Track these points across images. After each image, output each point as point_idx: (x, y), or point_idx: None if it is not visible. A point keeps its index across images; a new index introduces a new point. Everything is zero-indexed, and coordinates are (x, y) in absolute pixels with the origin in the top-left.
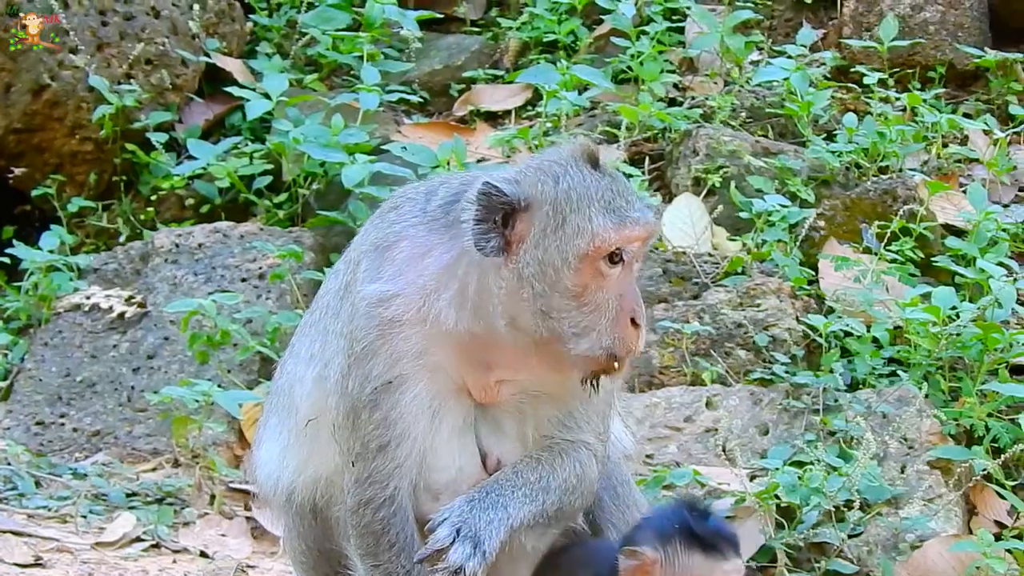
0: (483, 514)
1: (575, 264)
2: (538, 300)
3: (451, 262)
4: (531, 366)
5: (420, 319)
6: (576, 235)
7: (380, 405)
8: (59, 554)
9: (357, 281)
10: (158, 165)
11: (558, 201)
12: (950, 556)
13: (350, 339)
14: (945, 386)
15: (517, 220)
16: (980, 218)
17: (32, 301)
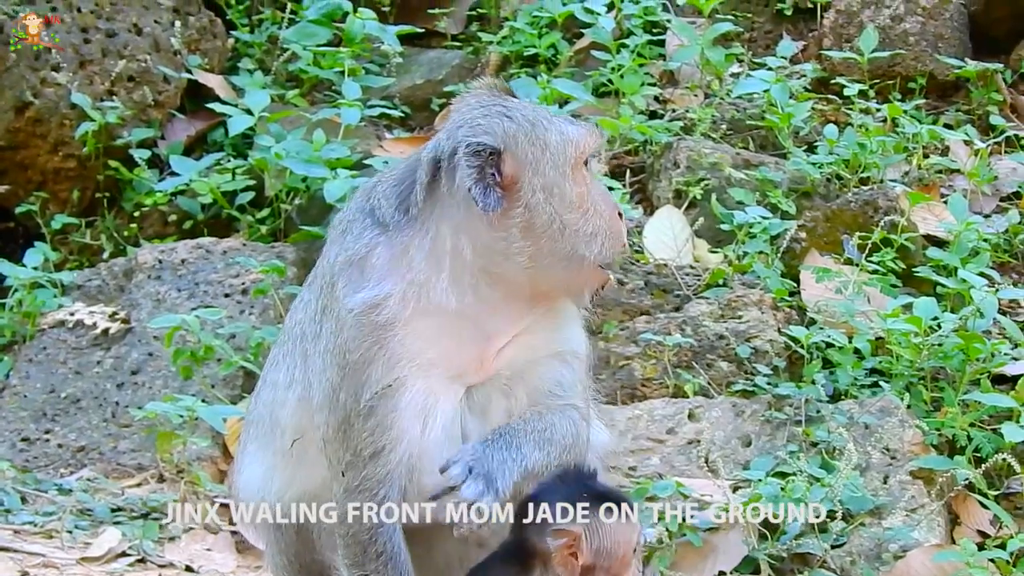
0: (497, 454)
1: (570, 175)
2: (552, 224)
3: (435, 246)
4: (536, 309)
5: (418, 314)
6: (561, 149)
7: (376, 412)
8: (45, 569)
9: (337, 299)
10: (141, 181)
11: (528, 131)
12: (933, 566)
13: (340, 353)
14: (927, 396)
15: (503, 166)
16: (961, 228)
17: (16, 318)
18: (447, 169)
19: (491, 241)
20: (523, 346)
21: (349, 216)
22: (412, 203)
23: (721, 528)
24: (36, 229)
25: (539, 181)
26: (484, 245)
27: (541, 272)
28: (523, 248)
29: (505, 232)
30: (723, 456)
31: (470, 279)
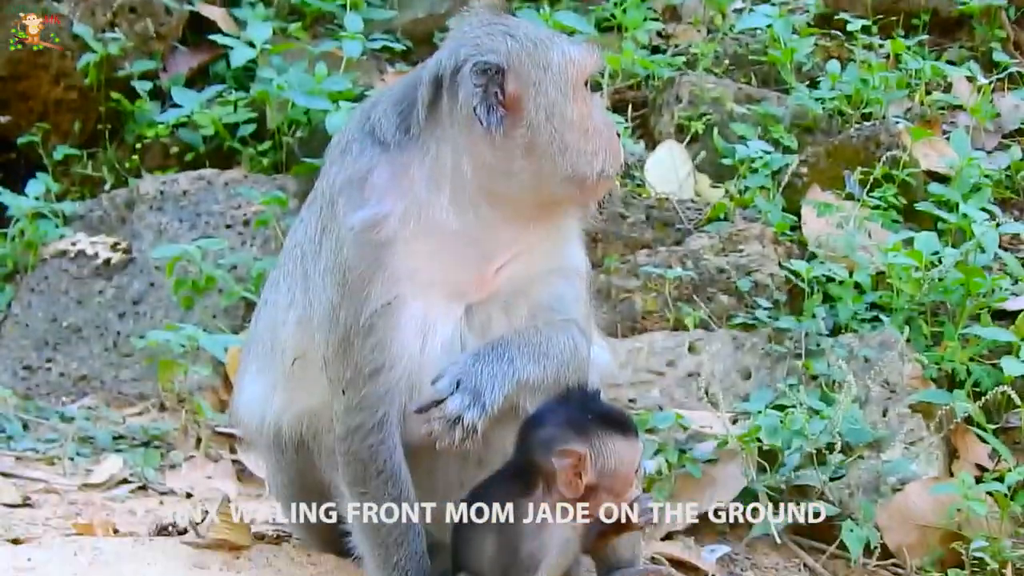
0: (486, 367)
1: (572, 95)
2: (554, 143)
3: (435, 165)
4: (537, 227)
5: (418, 232)
6: (563, 69)
7: (376, 330)
8: (47, 495)
9: (337, 218)
10: (142, 113)
11: (531, 50)
12: (931, 498)
13: (339, 272)
14: (927, 330)
15: (506, 85)
16: (963, 164)
17: (18, 248)
18: (449, 88)
19: (492, 160)
20: (523, 264)
21: (348, 136)
22: (413, 122)
23: (720, 460)
24: (38, 160)
25: (542, 100)
26: (485, 164)
27: (542, 190)
28: (524, 167)
29: (507, 151)
30: (723, 388)
31: (471, 198)
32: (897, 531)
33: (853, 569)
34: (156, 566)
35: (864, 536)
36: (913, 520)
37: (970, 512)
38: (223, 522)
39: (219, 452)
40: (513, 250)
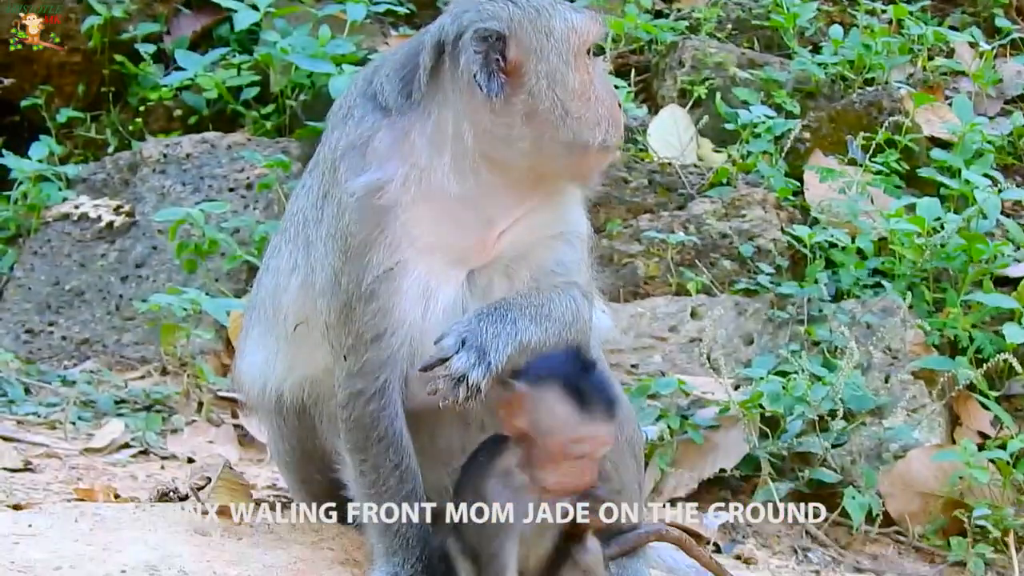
0: (491, 327)
1: (573, 62)
2: (555, 110)
3: (436, 130)
4: (538, 192)
5: (420, 197)
6: (565, 37)
7: (377, 295)
8: (48, 459)
9: (339, 183)
10: (146, 76)
11: (533, 17)
12: (933, 466)
13: (341, 238)
14: (929, 297)
15: (507, 52)
16: (965, 130)
17: (21, 211)
18: (451, 53)
19: (493, 127)
20: (525, 229)
21: (350, 101)
22: (415, 87)
23: (722, 426)
24: (41, 123)
25: (543, 68)
26: (486, 131)
27: (543, 158)
28: (525, 134)
29: (508, 118)
30: (725, 354)
31: (472, 164)
32: (899, 498)
33: (855, 536)
34: (157, 532)
35: (866, 503)
36: (915, 487)
37: (972, 480)
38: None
39: (221, 416)
40: (515, 215)
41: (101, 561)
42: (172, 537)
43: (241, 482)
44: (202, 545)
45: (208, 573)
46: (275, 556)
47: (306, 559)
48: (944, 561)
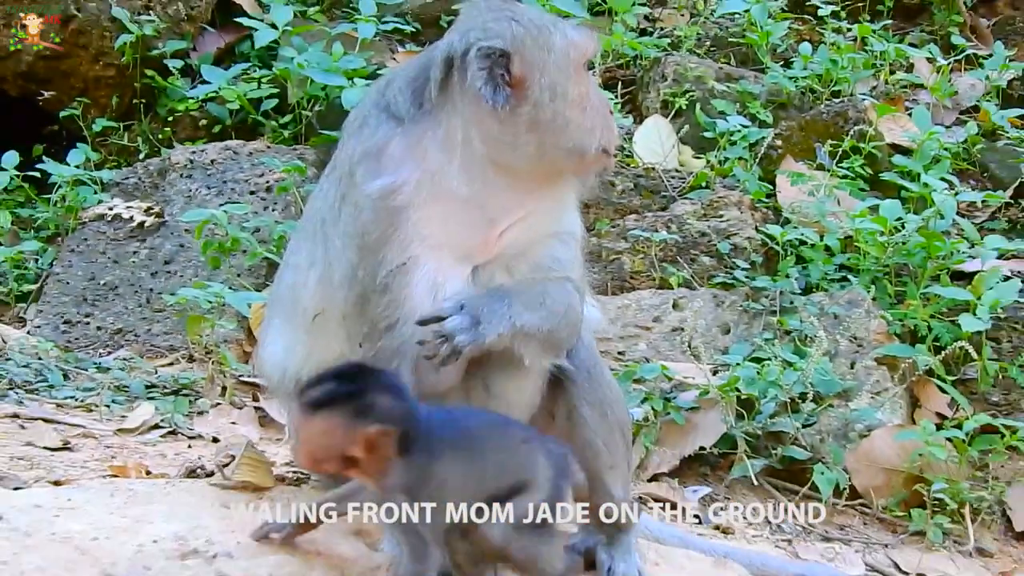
0: (489, 303)
1: (573, 75)
2: (556, 119)
3: (447, 137)
4: (538, 195)
5: (431, 199)
6: (565, 52)
7: (391, 288)
8: (85, 439)
9: (356, 186)
10: (174, 89)
11: (535, 34)
12: (895, 444)
13: (358, 235)
14: (891, 290)
15: (512, 67)
16: (924, 138)
17: (60, 212)
18: (459, 68)
19: (500, 134)
20: (524, 228)
21: (364, 112)
22: (426, 98)
23: (702, 408)
24: (78, 132)
25: (545, 81)
26: (493, 138)
27: (546, 162)
28: (529, 140)
29: (513, 127)
30: (704, 342)
31: (479, 168)
32: (864, 474)
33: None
34: (186, 506)
35: (834, 478)
36: (879, 464)
37: (931, 456)
38: (247, 465)
39: (243, 400)
40: (515, 215)
41: (134, 532)
42: (199, 510)
43: (263, 459)
44: (227, 517)
45: (232, 543)
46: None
47: (322, 530)
48: (905, 531)
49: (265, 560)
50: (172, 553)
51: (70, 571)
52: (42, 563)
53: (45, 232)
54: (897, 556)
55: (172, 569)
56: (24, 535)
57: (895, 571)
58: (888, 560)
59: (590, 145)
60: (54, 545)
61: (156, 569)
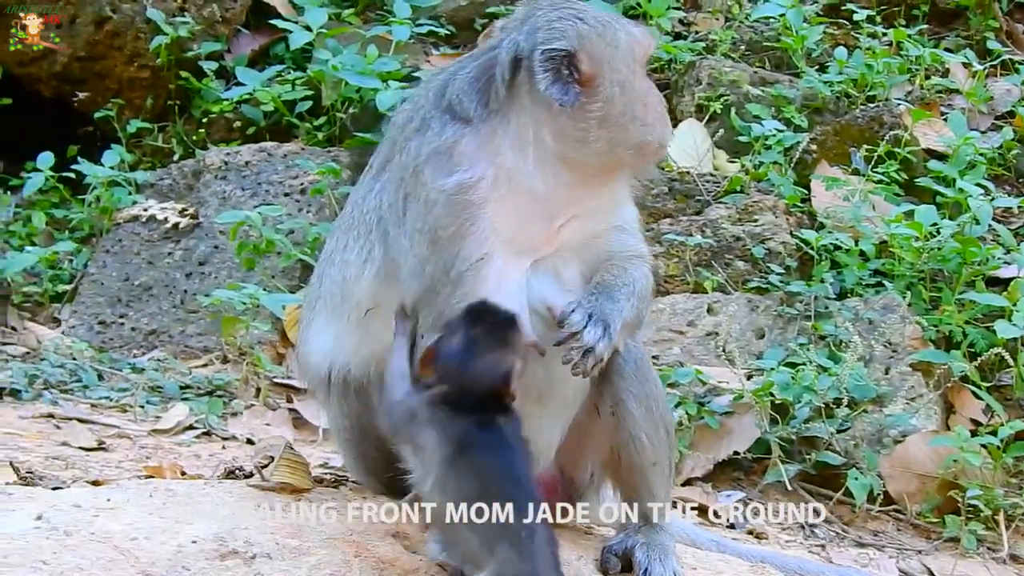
0: (606, 304)
1: (638, 70)
2: (625, 114)
3: (518, 135)
4: (597, 190)
5: (506, 194)
6: (629, 48)
7: (464, 282)
8: (120, 439)
9: (424, 185)
10: (209, 91)
11: (601, 31)
12: (930, 450)
13: (430, 231)
14: (926, 295)
15: (580, 65)
16: (960, 143)
17: (95, 213)
18: (526, 68)
19: (570, 131)
20: (584, 223)
21: (423, 114)
22: (492, 98)
23: (736, 412)
24: (113, 133)
25: (615, 77)
26: (564, 134)
27: (614, 157)
28: (599, 136)
29: (584, 123)
30: (739, 347)
31: (549, 165)
32: (898, 480)
33: (857, 514)
34: (225, 506)
35: (868, 484)
36: (913, 470)
37: (965, 463)
38: (286, 466)
39: (276, 401)
40: (574, 211)
41: (174, 533)
42: (238, 511)
43: (302, 460)
44: (266, 518)
45: (271, 544)
46: (332, 528)
47: (361, 531)
48: (939, 537)
49: (304, 561)
50: (211, 554)
51: (109, 571)
52: (81, 563)
53: (80, 233)
54: (931, 562)
55: (211, 570)
56: (64, 535)
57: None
58: (922, 566)
59: (654, 139)
60: (93, 545)
61: (195, 569)
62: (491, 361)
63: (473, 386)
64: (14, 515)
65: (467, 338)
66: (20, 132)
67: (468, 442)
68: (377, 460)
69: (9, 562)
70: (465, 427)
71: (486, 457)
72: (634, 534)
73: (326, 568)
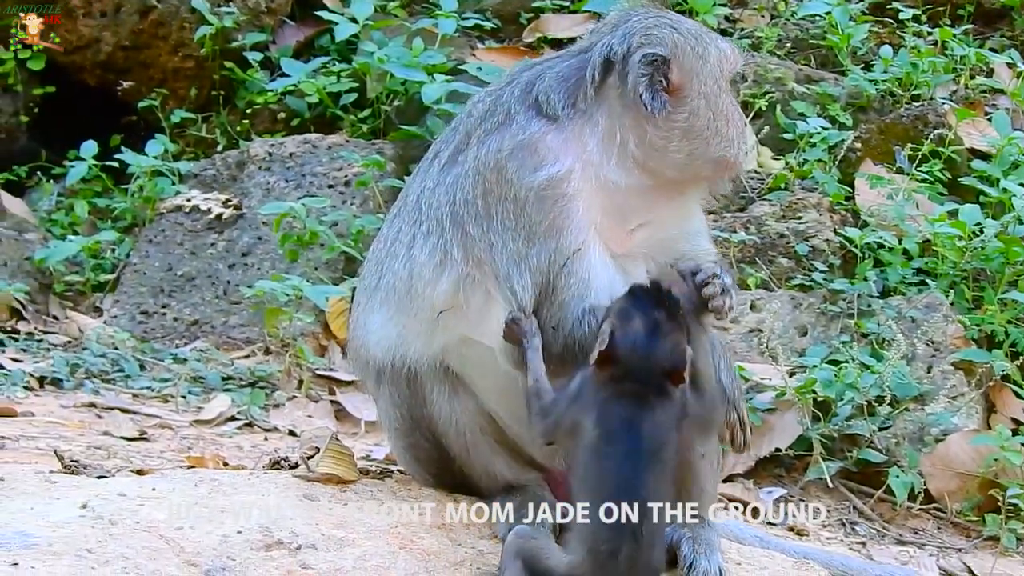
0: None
1: (724, 85)
2: (708, 128)
3: (605, 134)
4: (669, 197)
5: (594, 189)
6: (718, 62)
7: (574, 270)
8: (161, 430)
9: (508, 181)
10: (253, 81)
11: (693, 44)
12: (971, 448)
13: (525, 228)
14: (969, 295)
15: (671, 74)
16: (1004, 143)
17: (137, 203)
18: (619, 72)
19: (653, 139)
20: (656, 229)
21: (508, 108)
22: (580, 97)
23: (779, 409)
24: (156, 123)
25: (703, 89)
26: (646, 141)
27: (692, 169)
28: (682, 147)
29: (668, 132)
30: (781, 344)
31: (630, 169)
32: (939, 478)
33: (898, 512)
34: (270, 497)
35: (909, 482)
36: (954, 468)
37: (1006, 462)
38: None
39: (319, 393)
40: (646, 217)
41: (219, 523)
42: (283, 502)
43: (348, 452)
44: (311, 509)
45: (317, 535)
46: (378, 520)
47: (406, 523)
48: (979, 536)
49: (350, 552)
50: (256, 544)
51: (153, 560)
52: (126, 551)
53: (122, 222)
54: (970, 561)
55: (256, 560)
56: (108, 523)
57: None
58: (961, 564)
59: (733, 155)
60: (138, 534)
61: (240, 560)
62: (673, 342)
63: (657, 368)
64: (59, 503)
65: (649, 321)
66: (64, 121)
67: (623, 427)
68: (428, 451)
69: (54, 550)
70: (624, 411)
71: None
72: (680, 528)
73: (371, 559)
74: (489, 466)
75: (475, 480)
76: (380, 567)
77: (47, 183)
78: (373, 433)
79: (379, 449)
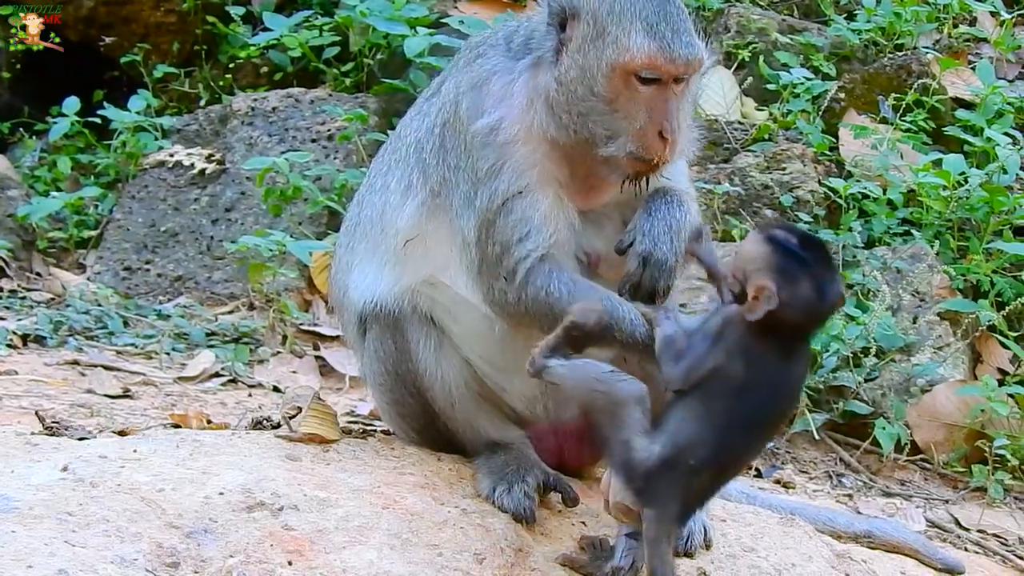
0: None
1: (607, 72)
2: (577, 103)
3: (531, 79)
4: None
5: (528, 135)
6: (611, 46)
7: (514, 209)
8: (145, 387)
9: (460, 120)
10: (236, 36)
11: (600, 11)
12: (957, 399)
13: (470, 169)
14: (954, 244)
15: (568, 26)
16: (988, 92)
17: (120, 158)
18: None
19: (550, 89)
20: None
21: (490, 41)
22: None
23: None
24: (139, 78)
25: (578, 58)
26: (549, 92)
27: (580, 140)
28: (558, 110)
29: (555, 84)
30: None
31: (552, 114)
32: (925, 429)
33: (885, 463)
34: (252, 457)
35: (895, 433)
36: (940, 419)
37: (993, 412)
38: (314, 417)
39: (303, 349)
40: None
41: (201, 484)
42: (266, 462)
43: (330, 411)
44: (293, 470)
45: (299, 496)
46: (361, 480)
47: (389, 483)
48: (966, 487)
49: (332, 513)
50: (238, 505)
51: (135, 522)
52: (107, 514)
53: (105, 178)
54: (958, 512)
55: (238, 521)
56: (90, 486)
57: (955, 527)
58: (949, 516)
59: (603, 150)
60: (119, 496)
61: (222, 521)
62: (838, 284)
63: (825, 313)
64: (40, 466)
65: (813, 275)
66: (46, 77)
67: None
68: (412, 407)
69: (35, 513)
70: (775, 362)
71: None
72: None
73: (354, 520)
74: (473, 422)
75: (459, 437)
76: (363, 527)
77: (30, 139)
78: (357, 388)
79: (364, 405)
